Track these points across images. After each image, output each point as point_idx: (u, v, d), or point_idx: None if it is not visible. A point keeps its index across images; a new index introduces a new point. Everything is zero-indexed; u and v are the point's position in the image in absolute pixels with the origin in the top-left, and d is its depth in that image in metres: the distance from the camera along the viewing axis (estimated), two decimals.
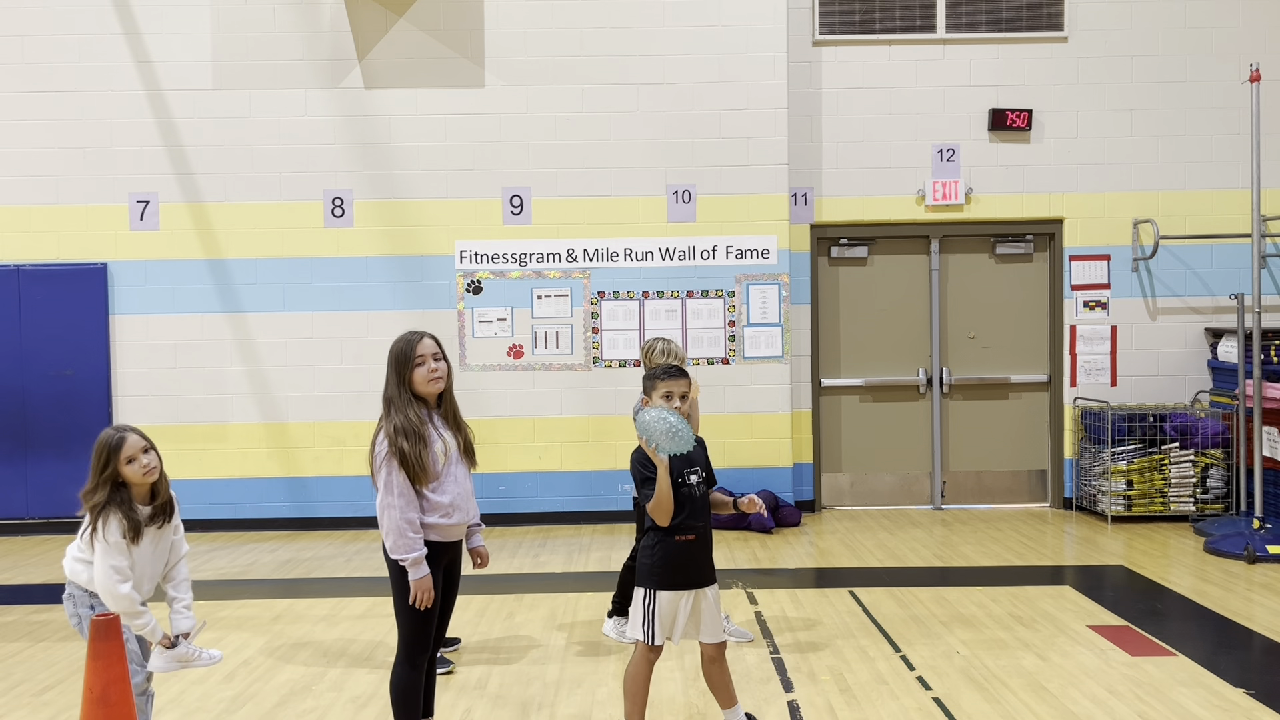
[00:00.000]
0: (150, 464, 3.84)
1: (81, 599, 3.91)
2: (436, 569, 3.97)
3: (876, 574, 7.06)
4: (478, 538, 4.25)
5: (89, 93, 8.69)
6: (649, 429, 3.95)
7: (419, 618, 3.93)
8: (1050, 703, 4.67)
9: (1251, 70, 7.65)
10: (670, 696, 4.82)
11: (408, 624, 3.96)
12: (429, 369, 3.99)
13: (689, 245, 8.83)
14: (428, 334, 4.08)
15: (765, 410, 8.86)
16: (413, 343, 4.02)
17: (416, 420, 3.93)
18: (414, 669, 3.99)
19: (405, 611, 3.94)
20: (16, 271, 8.70)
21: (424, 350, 4.01)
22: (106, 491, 3.79)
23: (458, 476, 4.03)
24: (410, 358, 3.98)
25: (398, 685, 4.00)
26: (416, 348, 4.00)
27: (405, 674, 3.99)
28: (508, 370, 8.84)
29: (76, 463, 8.66)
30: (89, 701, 3.31)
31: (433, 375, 3.99)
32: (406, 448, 3.86)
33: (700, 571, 4.13)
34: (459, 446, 4.06)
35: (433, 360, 4.01)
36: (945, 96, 9.10)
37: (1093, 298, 9.13)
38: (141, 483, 3.84)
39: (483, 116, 8.77)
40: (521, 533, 8.58)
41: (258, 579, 7.23)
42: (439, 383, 4.02)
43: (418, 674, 4.00)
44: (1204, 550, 7.48)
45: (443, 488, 3.96)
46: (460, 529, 4.07)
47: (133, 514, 3.80)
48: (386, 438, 3.90)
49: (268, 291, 8.78)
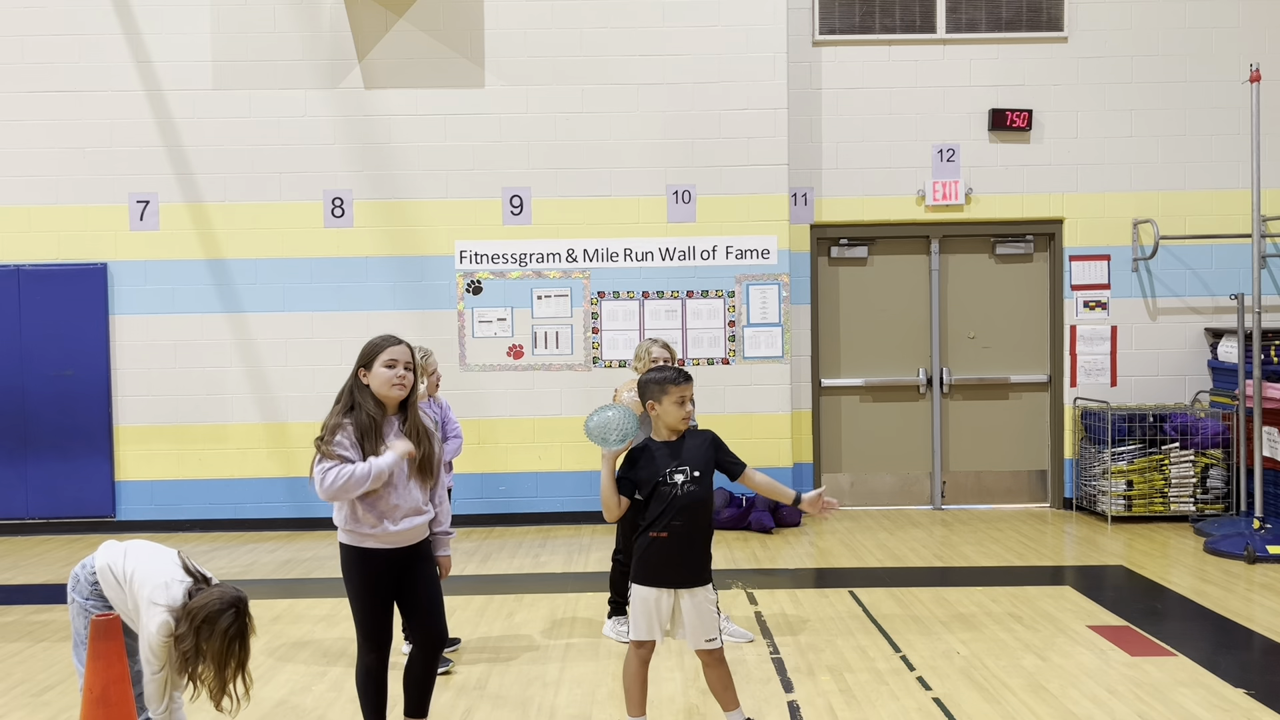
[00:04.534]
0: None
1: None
2: (369, 574, 3.90)
3: (876, 574, 7.06)
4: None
5: (89, 93, 8.69)
6: (591, 425, 4.04)
7: (362, 608, 3.93)
8: (1050, 703, 4.67)
9: (1251, 70, 7.65)
10: (670, 696, 4.82)
11: (356, 616, 3.97)
12: (395, 374, 3.88)
13: (689, 245, 8.83)
14: (406, 343, 4.00)
15: (765, 410, 8.86)
16: (387, 342, 3.93)
17: (377, 418, 3.87)
18: (369, 659, 3.97)
19: (353, 604, 3.96)
20: (16, 271, 8.70)
21: (397, 354, 3.91)
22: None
23: (401, 488, 3.89)
24: (379, 352, 3.89)
25: (358, 677, 4.03)
26: (389, 348, 3.91)
27: (360, 665, 4.01)
28: (508, 370, 8.84)
29: (76, 463, 8.72)
30: (89, 701, 3.31)
31: (397, 381, 3.88)
32: (364, 446, 3.79)
33: (676, 572, 4.06)
34: (413, 460, 3.92)
35: (402, 368, 3.91)
36: (945, 96, 9.10)
37: (1093, 298, 9.13)
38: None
39: (483, 116, 8.77)
40: (521, 533, 8.58)
41: (258, 579, 7.23)
42: (400, 390, 3.91)
43: (372, 664, 3.97)
44: (1204, 550, 7.48)
45: (385, 498, 3.86)
46: (408, 534, 3.94)
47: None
48: (334, 431, 3.80)
49: (268, 291, 8.77)
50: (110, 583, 3.84)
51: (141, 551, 3.89)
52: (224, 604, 3.63)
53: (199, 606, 3.62)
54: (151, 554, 3.87)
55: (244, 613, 3.68)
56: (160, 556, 3.85)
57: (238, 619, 3.64)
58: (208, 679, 3.64)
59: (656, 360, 5.57)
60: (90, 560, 3.94)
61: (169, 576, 3.73)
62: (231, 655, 3.62)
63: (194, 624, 3.60)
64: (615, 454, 4.11)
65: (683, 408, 4.11)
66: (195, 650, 3.60)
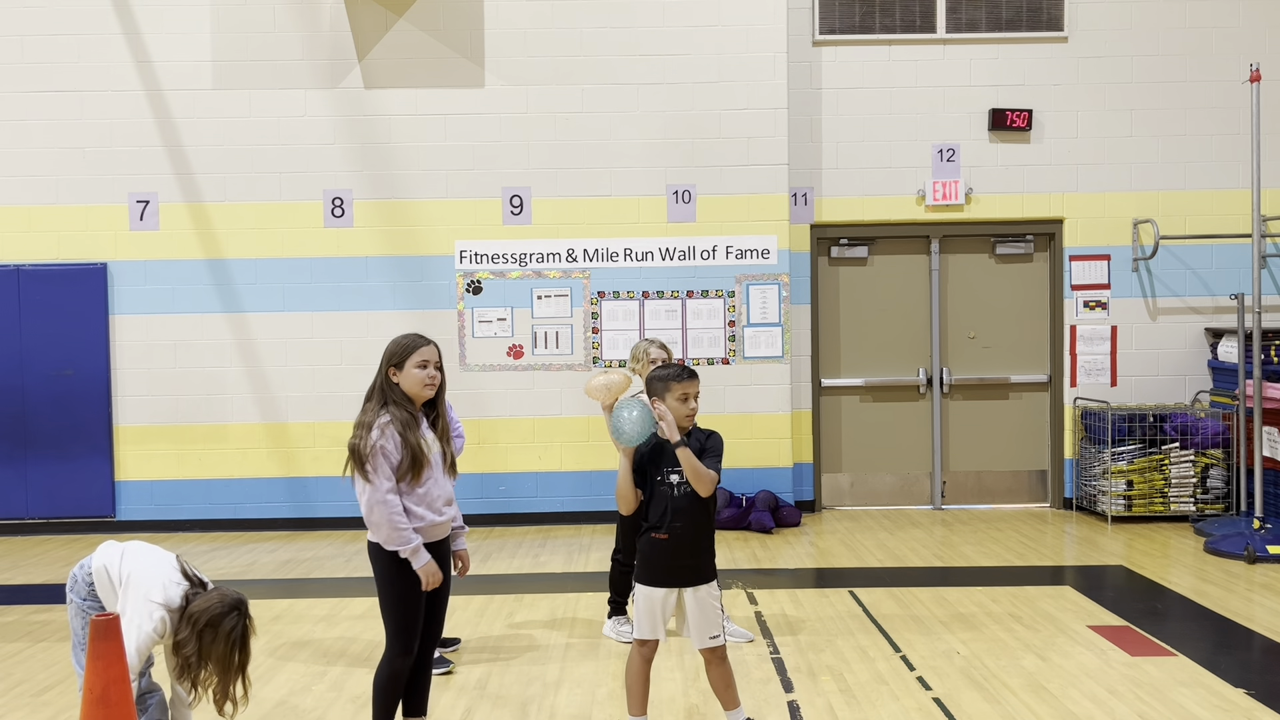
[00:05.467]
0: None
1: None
2: (413, 573, 3.91)
3: (876, 574, 7.06)
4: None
5: (89, 93, 8.69)
6: (616, 422, 4.02)
7: (404, 611, 3.92)
8: (1050, 703, 4.67)
9: (1251, 70, 7.65)
10: (670, 696, 4.82)
11: (393, 618, 3.94)
12: (428, 374, 3.95)
13: (689, 245, 8.83)
14: (434, 342, 4.06)
15: (765, 410, 8.86)
16: (419, 343, 3.98)
17: (415, 414, 3.94)
18: (399, 663, 3.96)
19: (391, 605, 3.94)
20: (16, 271, 8.70)
21: (428, 355, 3.98)
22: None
23: (439, 479, 4.00)
24: (412, 352, 3.95)
25: (381, 678, 4.00)
26: (422, 348, 3.97)
27: (388, 667, 3.98)
28: (508, 370, 8.84)
29: (76, 463, 8.72)
30: (89, 701, 3.31)
31: (429, 380, 3.95)
32: (408, 437, 3.84)
33: (678, 572, 4.08)
34: (443, 456, 4.04)
35: (434, 368, 3.98)
36: (945, 96, 9.10)
37: (1093, 298, 9.13)
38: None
39: (483, 116, 8.77)
40: (521, 533, 8.58)
41: (258, 579, 7.22)
42: (431, 389, 3.98)
43: (402, 668, 3.97)
44: (1204, 550, 7.48)
45: (432, 485, 3.94)
46: (444, 528, 4.03)
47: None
48: (378, 428, 3.84)
49: (268, 291, 8.77)
50: (104, 584, 3.84)
51: (139, 554, 3.89)
52: (226, 607, 3.63)
53: (201, 610, 3.62)
54: (150, 556, 3.87)
55: (245, 615, 3.68)
56: (158, 559, 3.85)
57: (240, 621, 3.64)
58: (210, 683, 3.64)
59: (655, 360, 5.55)
60: (88, 561, 3.94)
61: (167, 579, 3.73)
62: (235, 658, 3.62)
63: (196, 628, 3.60)
64: (634, 449, 4.10)
65: (686, 405, 4.11)
66: (198, 655, 3.60)
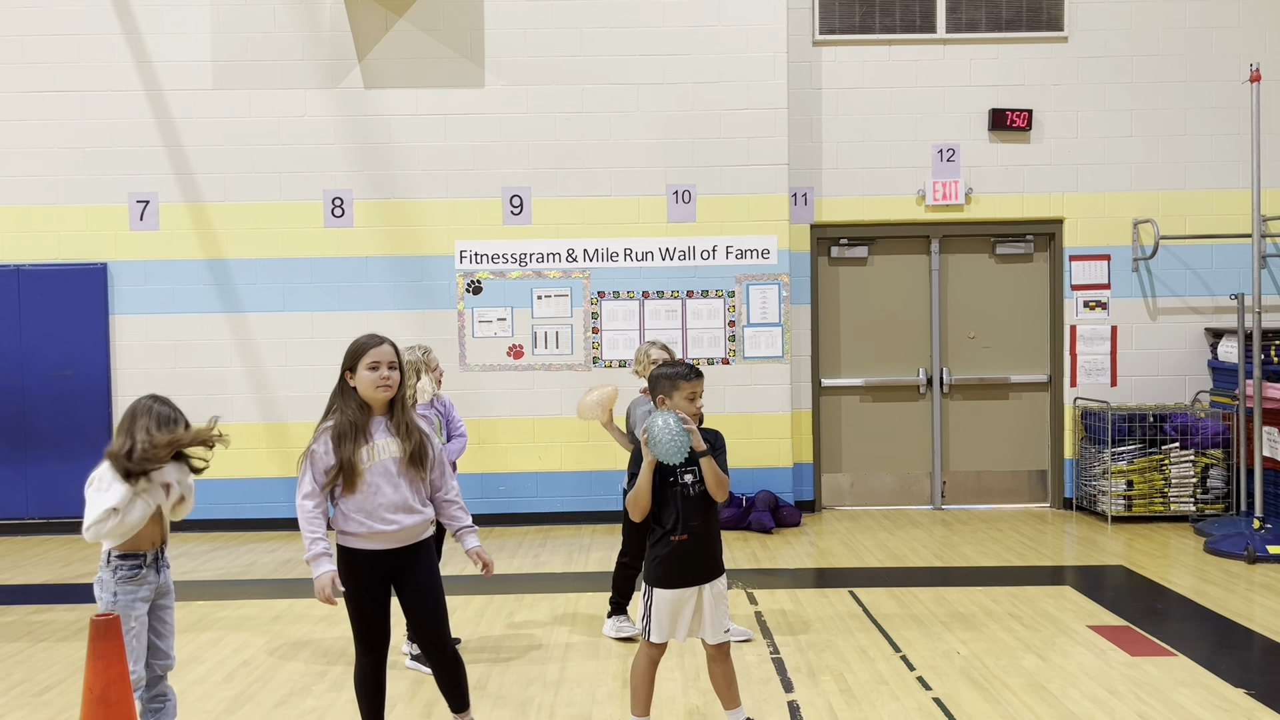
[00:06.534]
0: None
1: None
2: (360, 576, 3.90)
3: (876, 574, 7.06)
4: (473, 539, 4.11)
5: (89, 93, 8.69)
6: (658, 436, 3.94)
7: (354, 611, 3.94)
8: (1050, 703, 4.67)
9: (1251, 70, 7.65)
10: (670, 696, 4.82)
11: (350, 618, 3.99)
12: (380, 375, 3.87)
13: (689, 245, 8.83)
14: (389, 341, 3.98)
15: (765, 410, 8.86)
16: (369, 344, 3.91)
17: (359, 421, 3.86)
18: (362, 661, 3.98)
19: (347, 605, 3.96)
20: (16, 271, 8.70)
21: (379, 356, 3.89)
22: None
23: (384, 488, 3.87)
24: (362, 355, 3.88)
25: (354, 677, 4.05)
26: (371, 350, 3.89)
27: (356, 666, 4.03)
28: (508, 370, 8.84)
29: (76, 463, 8.68)
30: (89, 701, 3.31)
31: (381, 382, 3.87)
32: (343, 446, 3.83)
33: (698, 570, 4.11)
34: (402, 455, 3.90)
35: (386, 368, 3.89)
36: (945, 96, 9.10)
37: (1093, 298, 9.13)
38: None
39: (483, 116, 8.77)
40: (521, 533, 8.58)
41: (258, 579, 7.23)
42: (386, 391, 3.90)
43: (367, 666, 3.98)
44: (1204, 550, 7.48)
45: (373, 494, 3.86)
46: (395, 536, 3.90)
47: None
48: (318, 432, 3.88)
49: (267, 291, 8.78)
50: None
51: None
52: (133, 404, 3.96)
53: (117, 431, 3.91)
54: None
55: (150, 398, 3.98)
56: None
57: (144, 399, 3.96)
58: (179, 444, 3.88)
59: (656, 362, 5.55)
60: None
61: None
62: (172, 412, 3.95)
63: (125, 430, 3.86)
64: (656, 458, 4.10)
65: (693, 404, 4.13)
66: (150, 442, 3.81)
